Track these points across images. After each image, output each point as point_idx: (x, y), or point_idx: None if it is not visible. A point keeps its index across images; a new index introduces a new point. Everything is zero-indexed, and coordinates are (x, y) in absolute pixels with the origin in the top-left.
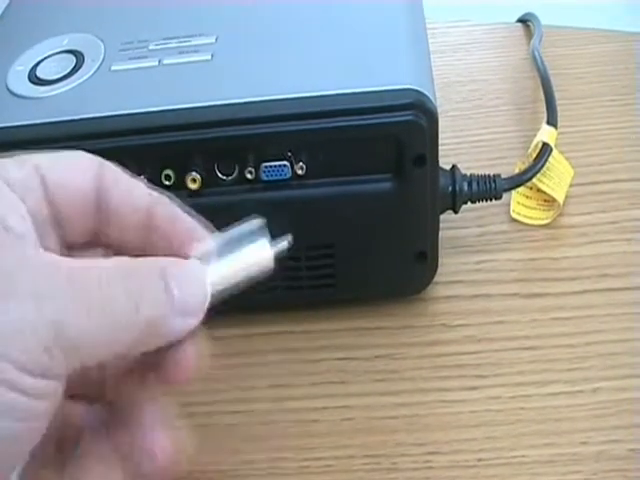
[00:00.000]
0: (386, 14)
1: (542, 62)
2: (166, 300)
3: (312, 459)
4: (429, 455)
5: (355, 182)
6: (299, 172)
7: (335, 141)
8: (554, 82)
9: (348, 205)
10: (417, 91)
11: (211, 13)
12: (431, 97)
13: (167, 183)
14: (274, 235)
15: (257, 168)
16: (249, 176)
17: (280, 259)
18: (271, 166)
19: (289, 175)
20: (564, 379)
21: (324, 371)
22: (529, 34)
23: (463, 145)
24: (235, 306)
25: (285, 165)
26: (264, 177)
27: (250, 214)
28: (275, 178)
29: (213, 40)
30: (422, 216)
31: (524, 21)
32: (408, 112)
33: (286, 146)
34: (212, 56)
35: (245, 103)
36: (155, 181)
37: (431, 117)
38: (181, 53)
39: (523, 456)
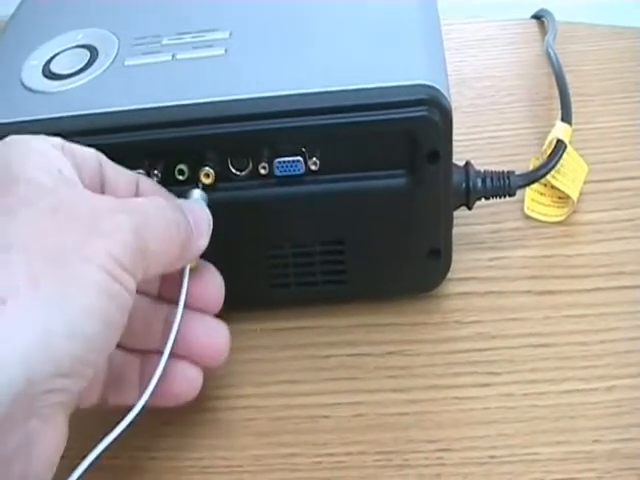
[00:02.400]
0: (400, 10)
1: (556, 59)
2: (188, 226)
3: (324, 455)
4: (441, 452)
5: (368, 178)
6: (312, 167)
7: (349, 137)
8: (568, 79)
9: (361, 201)
10: (431, 87)
11: (225, 8)
12: (445, 93)
13: (180, 178)
14: None
15: (271, 163)
16: (262, 171)
17: (295, 255)
18: (285, 161)
19: (302, 170)
20: (578, 377)
21: (335, 367)
22: (543, 30)
23: (477, 141)
24: (246, 302)
25: (299, 160)
26: (277, 172)
27: (263, 209)
28: (288, 173)
29: (227, 35)
30: (435, 213)
31: (538, 17)
32: (422, 108)
33: (300, 141)
34: (226, 51)
35: (259, 98)
36: (168, 176)
37: (445, 113)
38: (195, 48)
39: (536, 453)
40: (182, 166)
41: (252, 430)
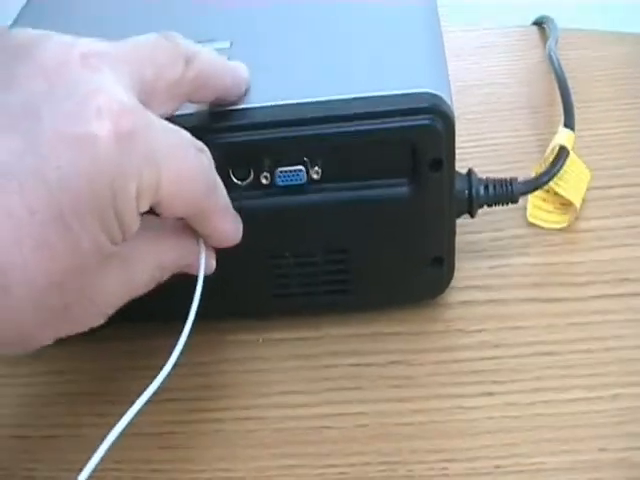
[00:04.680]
0: (402, 18)
1: (559, 64)
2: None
3: (327, 466)
4: (446, 462)
5: (371, 187)
6: (314, 176)
7: (351, 145)
8: (570, 84)
9: (364, 210)
10: (434, 95)
11: (225, 18)
12: (448, 101)
13: None
14: None
15: (272, 173)
16: (264, 181)
17: (297, 264)
18: (286, 171)
19: (304, 180)
20: (583, 385)
21: (338, 377)
22: (544, 37)
23: (479, 148)
24: (248, 312)
25: (300, 170)
26: (279, 182)
27: (265, 219)
28: (290, 183)
29: (227, 45)
30: (438, 221)
31: (539, 24)
32: (425, 116)
33: (302, 150)
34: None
35: (260, 107)
36: None
37: (448, 121)
38: None
39: (542, 463)
40: None
41: (255, 441)
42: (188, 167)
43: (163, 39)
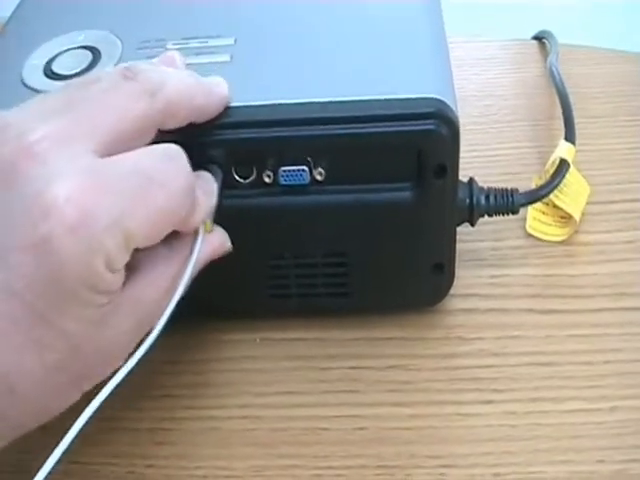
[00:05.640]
0: (409, 23)
1: (560, 78)
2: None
3: (324, 468)
4: (444, 468)
5: (374, 190)
6: (318, 177)
7: (355, 148)
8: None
9: (366, 213)
10: (439, 100)
11: (231, 14)
12: (453, 107)
13: None
14: None
15: (275, 172)
16: (267, 180)
17: (296, 266)
18: (290, 170)
19: (308, 180)
20: (581, 396)
21: (336, 380)
22: (544, 51)
23: (479, 159)
24: (247, 312)
25: (304, 170)
26: (282, 181)
27: (266, 218)
28: (293, 183)
29: (232, 42)
30: (440, 227)
31: (539, 38)
32: (430, 121)
33: (306, 151)
34: (231, 57)
35: (265, 105)
36: None
37: (452, 127)
38: (199, 54)
39: (540, 472)
40: None
41: (252, 440)
42: (156, 206)
43: (121, 78)
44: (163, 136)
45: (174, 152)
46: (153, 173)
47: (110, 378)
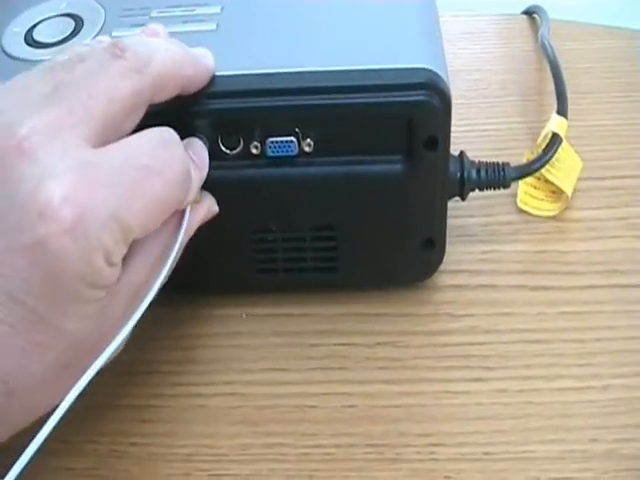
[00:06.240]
0: None
1: (552, 51)
2: None
3: (312, 446)
4: (433, 447)
5: (363, 162)
6: (306, 149)
7: (345, 118)
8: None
9: (355, 186)
10: (431, 71)
11: None
12: (445, 78)
13: None
14: None
15: (263, 143)
16: (254, 151)
17: (284, 239)
18: (277, 141)
19: (296, 152)
20: (573, 374)
21: (324, 356)
22: (534, 26)
23: (469, 134)
24: (232, 286)
25: (292, 141)
26: (270, 153)
27: (253, 190)
28: (281, 154)
29: (218, 10)
30: (431, 201)
31: (529, 13)
32: (421, 92)
33: (294, 121)
34: (217, 26)
35: (251, 75)
36: None
37: (444, 98)
38: (185, 22)
39: (532, 451)
40: None
41: (238, 418)
42: (153, 195)
43: (109, 56)
44: (149, 108)
45: (168, 137)
46: (148, 161)
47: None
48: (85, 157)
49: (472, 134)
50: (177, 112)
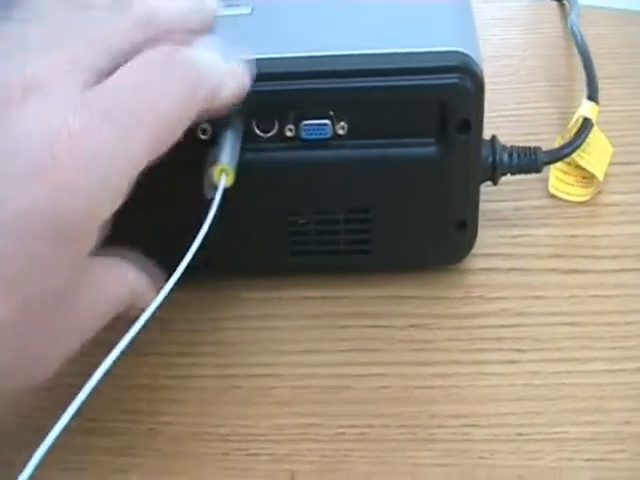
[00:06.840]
0: None
1: (581, 36)
2: None
3: (346, 426)
4: (467, 427)
5: (397, 145)
6: (340, 132)
7: (378, 101)
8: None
9: (388, 169)
10: (464, 54)
11: None
12: (478, 61)
13: (203, 137)
14: None
15: (297, 126)
16: (288, 134)
17: (317, 222)
18: (312, 124)
19: (330, 134)
20: (606, 357)
21: (357, 338)
22: (563, 13)
23: (499, 119)
24: (266, 269)
25: (326, 124)
26: (304, 135)
27: (287, 173)
28: (315, 137)
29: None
30: (463, 184)
31: (558, 0)
32: (455, 75)
33: (328, 104)
34: (252, 10)
35: (286, 58)
36: (190, 134)
37: (477, 81)
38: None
39: (565, 432)
40: (205, 125)
41: (273, 399)
42: (158, 120)
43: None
44: None
45: (169, 58)
46: (150, 88)
47: (122, 337)
48: (91, 93)
49: (502, 119)
50: None
